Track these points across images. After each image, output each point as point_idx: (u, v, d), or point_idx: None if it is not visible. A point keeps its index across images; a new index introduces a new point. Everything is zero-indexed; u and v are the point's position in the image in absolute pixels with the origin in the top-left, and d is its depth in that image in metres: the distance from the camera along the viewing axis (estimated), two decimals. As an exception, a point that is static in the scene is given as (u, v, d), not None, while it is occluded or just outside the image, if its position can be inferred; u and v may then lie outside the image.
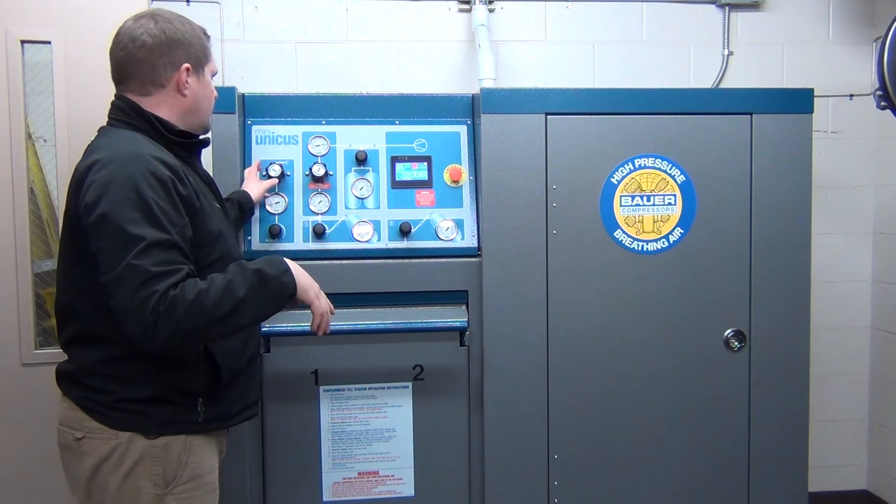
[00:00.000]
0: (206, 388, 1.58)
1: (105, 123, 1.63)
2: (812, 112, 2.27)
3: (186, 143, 1.64)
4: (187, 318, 1.38)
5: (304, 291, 1.57)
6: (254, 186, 2.14)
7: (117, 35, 1.58)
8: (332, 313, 1.66)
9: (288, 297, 1.54)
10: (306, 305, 1.61)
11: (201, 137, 1.70)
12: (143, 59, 1.56)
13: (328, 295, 2.13)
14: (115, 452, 1.51)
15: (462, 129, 2.30)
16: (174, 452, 1.54)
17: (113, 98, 1.62)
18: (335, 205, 2.21)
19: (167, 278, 1.39)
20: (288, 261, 1.57)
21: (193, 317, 1.39)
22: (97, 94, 2.33)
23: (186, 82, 1.59)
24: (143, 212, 1.40)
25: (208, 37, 1.68)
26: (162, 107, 1.59)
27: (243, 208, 2.08)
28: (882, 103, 2.24)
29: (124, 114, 1.59)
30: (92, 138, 1.61)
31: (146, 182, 1.43)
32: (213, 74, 1.70)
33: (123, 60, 1.57)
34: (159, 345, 1.39)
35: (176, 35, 1.57)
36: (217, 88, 1.98)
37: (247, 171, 2.18)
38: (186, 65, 1.59)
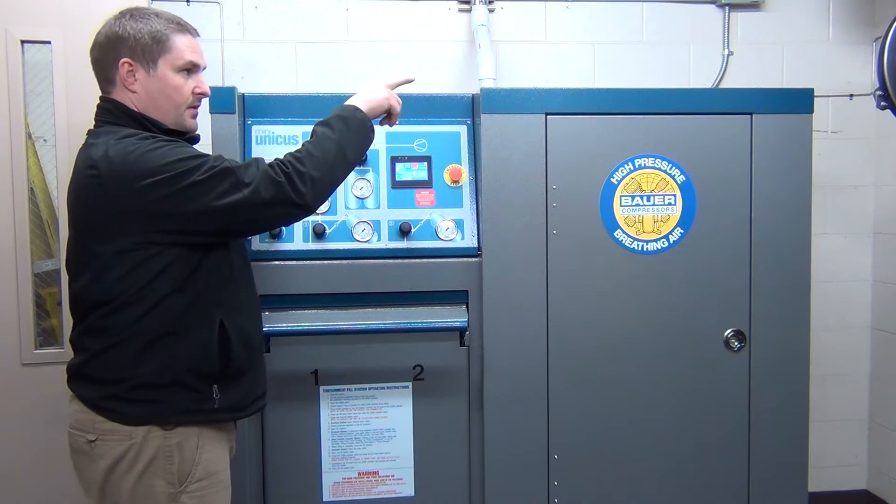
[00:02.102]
0: (221, 370, 1.58)
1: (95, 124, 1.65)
2: (812, 112, 2.26)
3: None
4: (312, 168, 1.55)
5: (380, 108, 1.79)
6: None
7: None
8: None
9: (370, 128, 1.73)
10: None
11: (191, 135, 1.71)
12: (96, 58, 1.63)
13: (326, 294, 2.15)
14: (129, 453, 1.52)
15: (462, 129, 2.30)
16: (187, 450, 1.56)
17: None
18: (335, 205, 2.21)
19: (251, 163, 1.55)
20: (355, 99, 1.75)
21: (315, 165, 1.56)
22: (97, 94, 2.33)
23: (129, 78, 1.59)
24: (169, 150, 1.51)
25: (183, 29, 1.64)
26: (125, 104, 1.62)
27: None
28: (882, 103, 2.24)
29: (111, 114, 1.61)
30: (86, 139, 1.61)
31: (154, 154, 1.50)
32: (182, 68, 1.63)
33: (91, 61, 1.64)
34: (308, 195, 1.53)
35: (119, 31, 1.59)
36: (217, 88, 2.00)
37: None
38: (124, 60, 1.58)
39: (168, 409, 1.54)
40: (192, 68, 1.64)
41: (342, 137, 1.63)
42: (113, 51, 1.59)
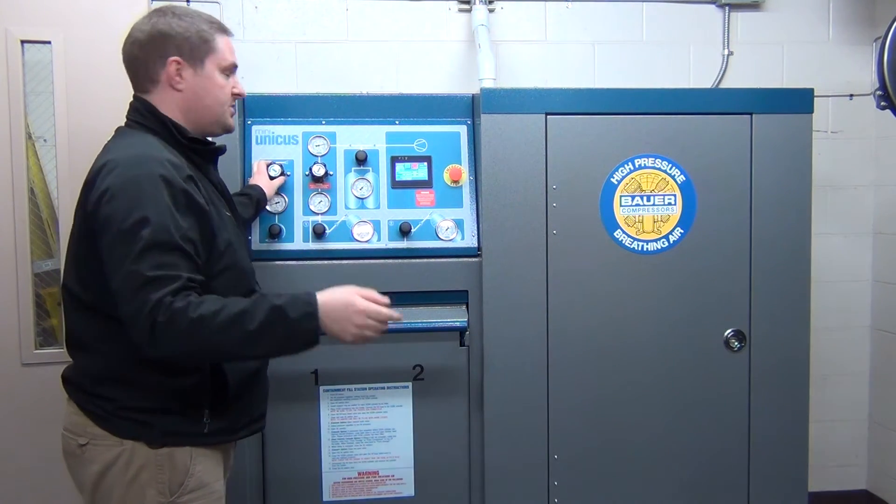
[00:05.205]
0: (213, 399, 1.54)
1: (123, 124, 1.63)
2: (812, 112, 2.26)
3: (200, 150, 1.63)
4: (187, 336, 1.35)
5: (334, 334, 1.45)
6: (264, 181, 2.15)
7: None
8: (383, 329, 1.53)
9: (307, 343, 1.45)
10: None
11: (217, 145, 1.68)
12: (137, 55, 1.58)
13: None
14: (120, 459, 1.49)
15: (462, 129, 2.30)
16: (179, 460, 1.52)
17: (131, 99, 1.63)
18: (335, 205, 2.21)
19: (165, 285, 1.35)
20: (322, 297, 1.45)
21: (194, 337, 1.36)
22: (97, 94, 2.34)
23: (177, 77, 1.57)
24: (145, 214, 1.39)
25: (223, 30, 1.64)
26: (163, 104, 1.58)
27: (258, 205, 2.11)
28: (882, 103, 2.24)
29: (140, 115, 1.59)
30: (108, 139, 1.61)
31: (151, 185, 1.41)
32: (226, 69, 1.63)
33: (125, 59, 1.61)
34: (159, 354, 1.39)
35: (165, 29, 1.56)
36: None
37: (257, 164, 2.20)
38: (173, 58, 1.56)
39: (155, 431, 1.50)
40: (232, 69, 1.65)
41: (256, 335, 1.38)
42: (159, 49, 1.56)
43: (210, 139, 1.68)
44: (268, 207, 2.17)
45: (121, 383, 1.49)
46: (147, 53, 1.56)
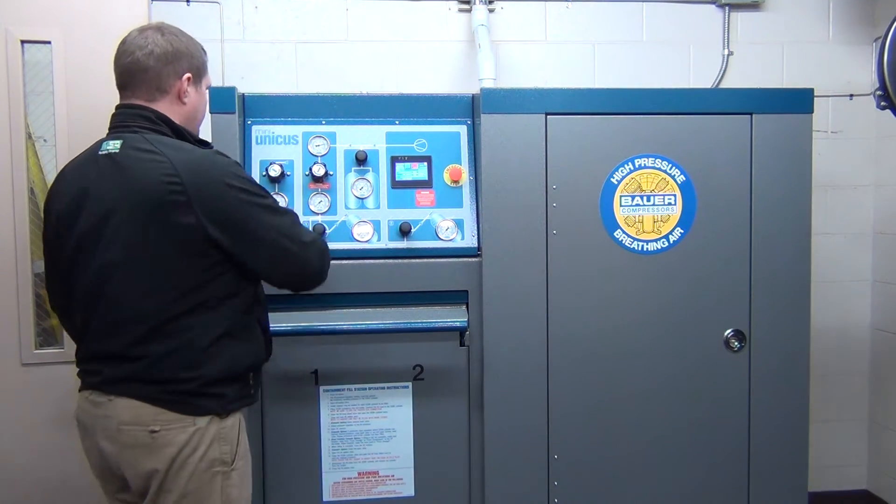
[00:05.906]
0: (262, 361, 1.76)
1: (118, 130, 1.67)
2: (812, 112, 2.26)
3: None
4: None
5: None
6: None
7: (123, 44, 1.70)
8: None
9: None
10: None
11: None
12: (151, 66, 1.68)
13: (328, 294, 2.15)
14: (193, 438, 1.60)
15: (462, 129, 2.30)
16: (235, 430, 1.68)
17: (124, 105, 1.70)
18: (335, 205, 2.21)
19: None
20: None
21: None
22: (97, 94, 2.34)
23: (186, 91, 1.73)
24: (262, 189, 1.67)
25: (205, 53, 1.83)
26: (168, 114, 1.70)
27: None
28: (882, 103, 2.24)
29: (149, 122, 1.67)
30: (116, 145, 1.62)
31: (241, 170, 1.67)
32: (207, 87, 1.84)
33: (131, 67, 1.68)
34: (323, 278, 1.78)
35: (180, 46, 1.72)
36: (217, 88, 2.04)
37: None
38: (188, 74, 1.72)
39: (225, 401, 1.65)
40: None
41: None
42: (175, 64, 1.70)
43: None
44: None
45: (203, 363, 1.61)
46: (163, 65, 1.69)
